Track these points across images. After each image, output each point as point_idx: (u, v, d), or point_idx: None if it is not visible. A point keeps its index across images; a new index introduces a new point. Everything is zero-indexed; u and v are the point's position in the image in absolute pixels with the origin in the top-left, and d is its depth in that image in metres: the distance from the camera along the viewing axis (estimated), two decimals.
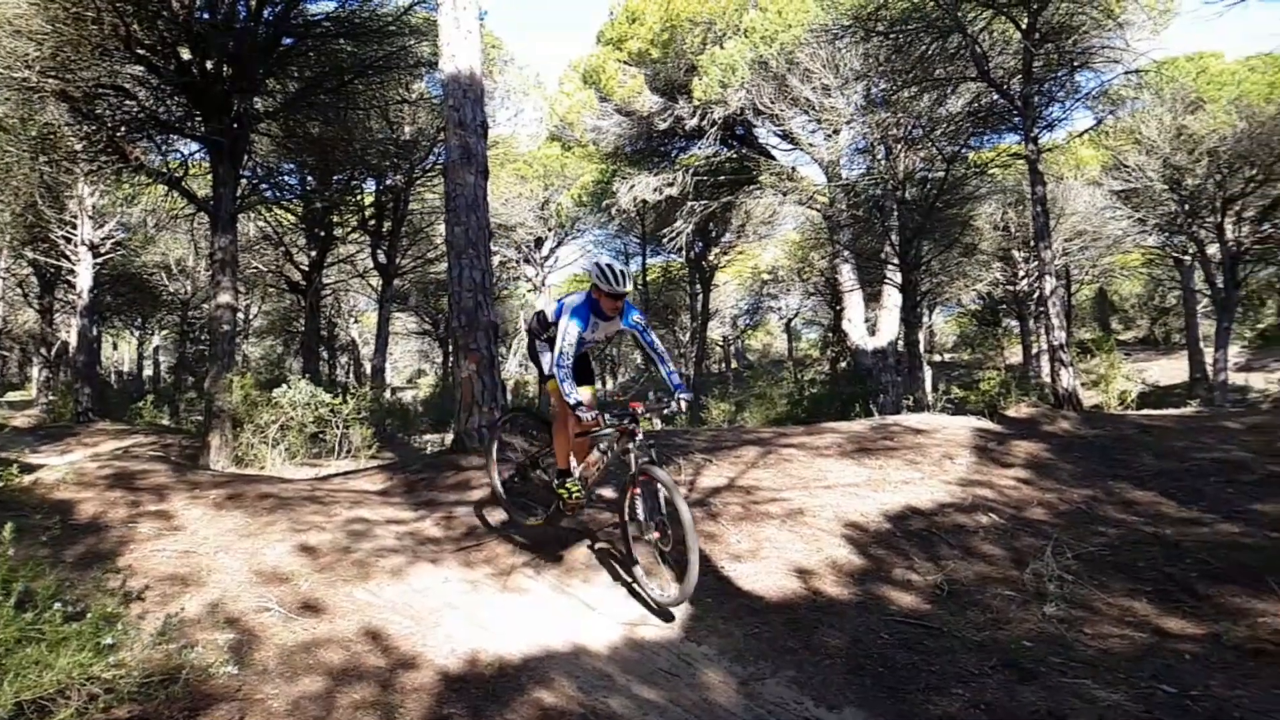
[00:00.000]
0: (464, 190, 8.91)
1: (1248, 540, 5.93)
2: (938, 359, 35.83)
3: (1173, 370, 27.36)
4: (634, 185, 18.60)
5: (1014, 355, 30.01)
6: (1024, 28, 11.40)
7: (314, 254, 19.05)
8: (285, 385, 11.06)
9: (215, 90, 11.52)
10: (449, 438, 9.72)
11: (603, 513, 6.64)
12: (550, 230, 25.38)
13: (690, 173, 18.29)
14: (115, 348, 39.67)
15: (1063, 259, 22.90)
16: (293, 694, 3.50)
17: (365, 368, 26.90)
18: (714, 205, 19.05)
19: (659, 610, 5.01)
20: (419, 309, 27.77)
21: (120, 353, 40.68)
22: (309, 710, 3.40)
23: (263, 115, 12.97)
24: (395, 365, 38.19)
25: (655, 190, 18.45)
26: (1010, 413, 10.24)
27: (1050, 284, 11.36)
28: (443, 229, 10.35)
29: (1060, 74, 12.53)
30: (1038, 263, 11.87)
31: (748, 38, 16.31)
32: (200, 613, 4.20)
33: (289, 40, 12.76)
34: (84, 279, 19.03)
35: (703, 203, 18.50)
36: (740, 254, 29.17)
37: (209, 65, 11.50)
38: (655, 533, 5.04)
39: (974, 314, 32.43)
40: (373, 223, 19.33)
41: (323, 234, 18.85)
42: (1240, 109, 17.73)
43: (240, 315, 23.91)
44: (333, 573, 4.98)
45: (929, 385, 19.03)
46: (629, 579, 5.36)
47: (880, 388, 16.54)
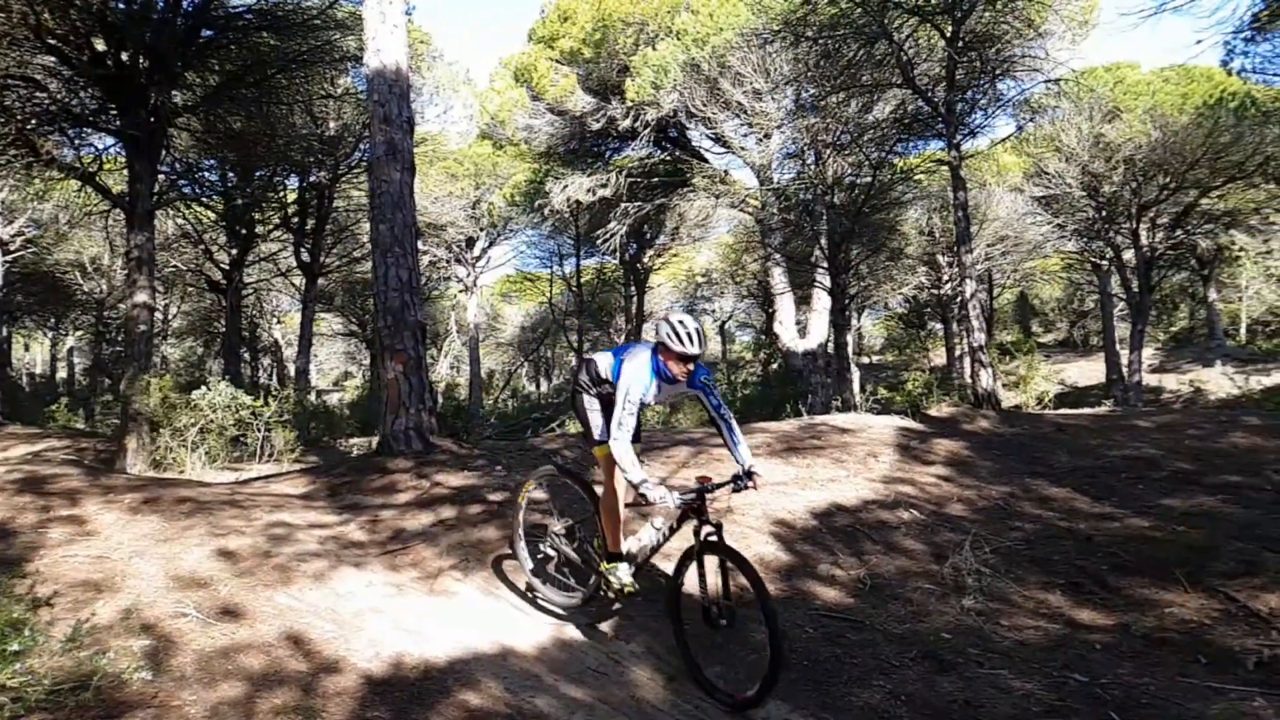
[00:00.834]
0: (389, 187, 8.78)
1: (1156, 534, 6.16)
2: (866, 361, 36.53)
3: (1090, 372, 28.38)
4: (567, 186, 18.50)
5: (938, 357, 30.79)
6: (948, 36, 11.69)
7: (235, 252, 18.50)
8: (205, 387, 10.71)
9: (131, 83, 11.11)
10: (376, 441, 9.54)
11: None
12: (482, 230, 25.03)
13: (624, 174, 18.26)
14: (27, 349, 38.10)
15: (985, 263, 23.53)
16: (211, 700, 3.40)
17: (289, 370, 26.24)
18: (648, 207, 19.05)
19: (732, 703, 4.17)
20: (345, 309, 27.16)
21: (32, 354, 39.07)
22: (228, 716, 3.30)
23: (181, 109, 12.53)
24: (320, 367, 37.34)
25: (589, 191, 18.38)
26: (932, 412, 10.50)
27: (971, 287, 11.66)
28: (368, 227, 10.16)
29: (982, 82, 12.90)
30: (959, 266, 12.17)
31: (680, 40, 16.39)
32: (114, 619, 4.03)
33: (209, 32, 12.40)
34: None
35: (637, 204, 18.48)
36: (675, 256, 29.31)
37: (125, 57, 11.08)
38: (725, 619, 4.35)
39: (900, 317, 33.19)
40: (296, 220, 18.87)
41: (244, 232, 18.32)
42: (1155, 118, 18.34)
43: (158, 315, 23.09)
44: (253, 577, 4.84)
45: (857, 386, 19.38)
46: (685, 663, 4.52)
47: (810, 389, 16.79)
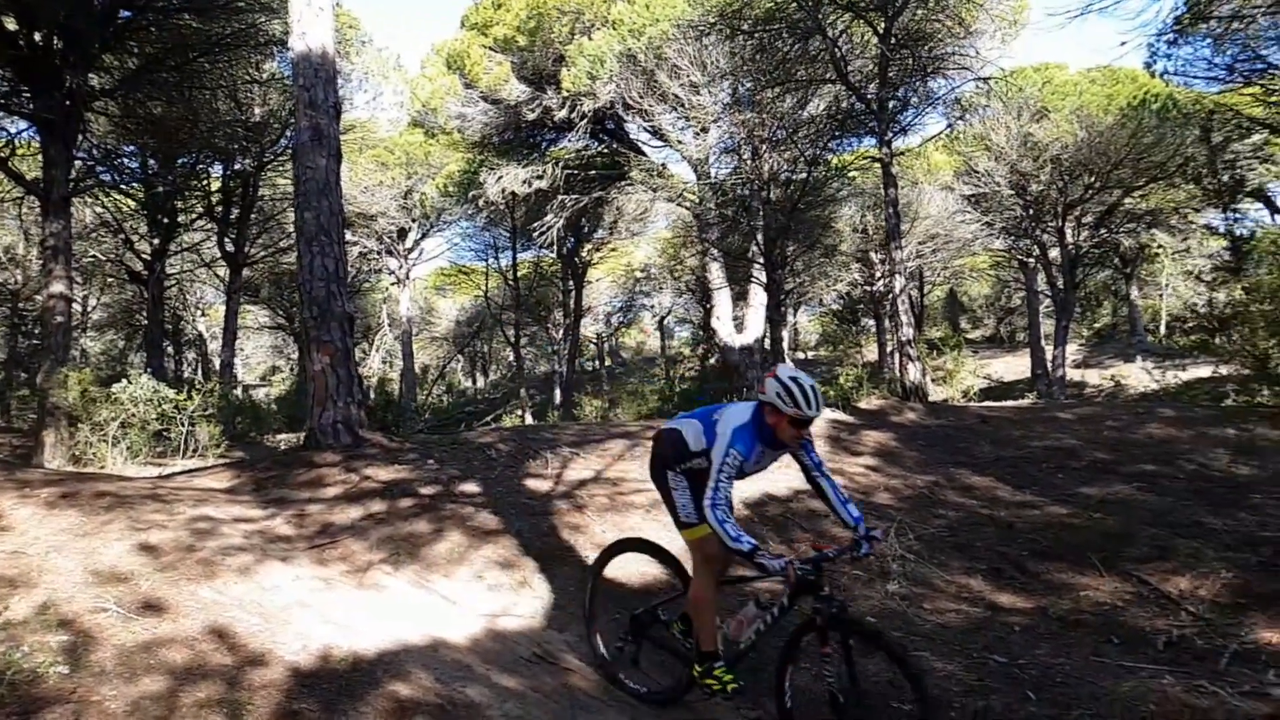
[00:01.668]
0: (315, 174, 8.56)
1: (1074, 521, 6.37)
2: (801, 356, 37.04)
3: (1016, 367, 29.17)
4: (502, 176, 18.25)
5: (871, 353, 31.33)
6: (881, 32, 11.88)
7: (157, 242, 17.87)
8: (125, 381, 10.35)
9: (45, 64, 10.62)
10: (304, 435, 9.32)
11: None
12: (414, 221, 24.50)
13: (560, 166, 18.10)
14: None
15: (916, 261, 23.97)
16: (132, 695, 3.28)
17: (214, 364, 25.45)
18: (585, 200, 18.89)
19: None
20: (271, 302, 26.42)
21: None
22: (150, 711, 3.19)
23: (99, 93, 12.04)
24: (247, 362, 36.32)
25: (524, 182, 18.17)
26: (862, 405, 10.69)
27: (900, 283, 11.88)
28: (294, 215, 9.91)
29: (914, 80, 13.14)
30: (889, 262, 12.39)
31: (616, 30, 16.32)
32: (30, 614, 3.86)
33: (128, 12, 11.89)
34: None
35: (574, 197, 18.30)
36: (613, 251, 29.21)
37: (38, 37, 10.60)
38: (856, 708, 3.67)
39: (835, 313, 33.68)
40: (220, 209, 18.32)
41: (166, 221, 17.71)
42: (1081, 118, 18.70)
43: (76, 307, 22.20)
44: (175, 571, 4.68)
45: None
46: None
47: (747, 384, 16.93)
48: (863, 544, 3.71)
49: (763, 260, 15.88)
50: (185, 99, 14.04)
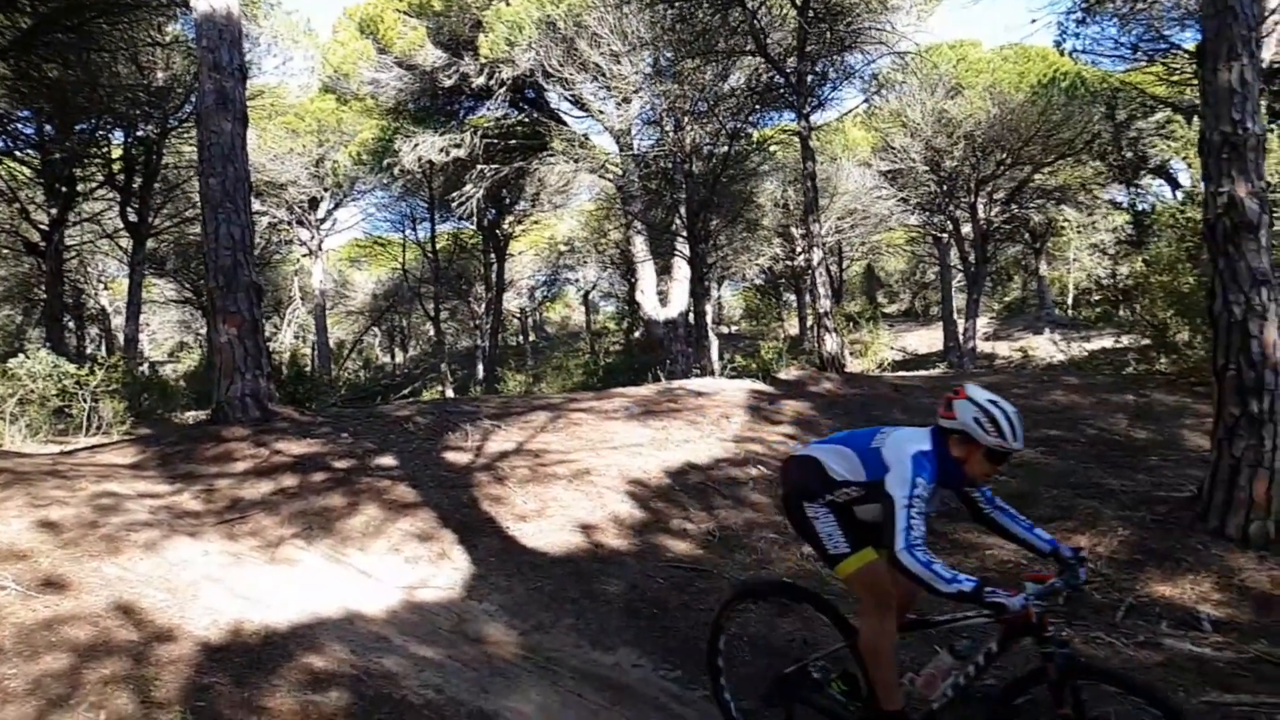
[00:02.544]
0: (220, 139, 8.32)
1: None
2: (725, 331, 37.36)
3: (930, 340, 29.95)
4: (418, 145, 17.78)
5: (793, 327, 31.79)
6: (799, 5, 11.94)
7: (55, 212, 16.96)
8: (23, 355, 9.88)
9: None
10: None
11: None
12: (326, 190, 23.68)
13: (479, 134, 17.72)
14: None
15: (835, 236, 24.29)
16: (33, 673, 3.20)
17: (118, 339, 24.35)
18: (506, 170, 18.57)
19: None
20: (178, 274, 25.31)
21: None
22: (52, 688, 3.12)
23: None
24: (154, 337, 34.83)
25: (442, 151, 17.75)
26: (782, 375, 10.90)
27: (818, 256, 12.06)
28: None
29: (832, 54, 13.26)
30: (808, 235, 12.55)
31: None
32: None
33: None
34: None
35: (493, 167, 17.97)
36: (536, 224, 28.87)
37: None
38: None
39: (757, 288, 34.04)
40: (122, 177, 17.48)
41: (64, 189, 16.83)
42: (994, 96, 19.04)
43: None
44: (78, 548, 4.57)
45: (715, 355, 19.78)
46: None
47: (671, 357, 17.00)
48: (1078, 569, 2.92)
49: (686, 234, 15.91)
50: (83, 61, 13.46)
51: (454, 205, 19.39)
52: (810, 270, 12.40)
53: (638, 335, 24.78)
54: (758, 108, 15.76)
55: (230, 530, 5.49)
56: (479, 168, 17.71)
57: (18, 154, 16.05)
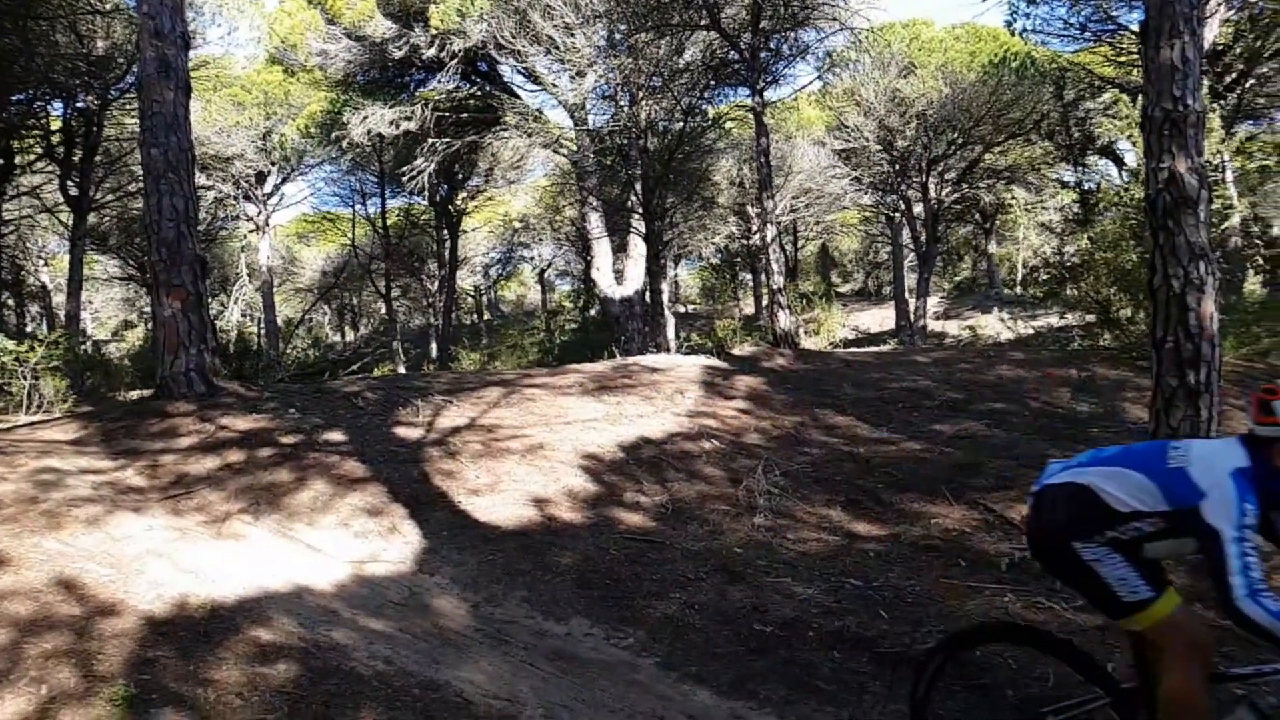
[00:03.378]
0: (162, 108, 8.06)
1: (926, 455, 6.74)
2: (682, 310, 37.42)
3: (883, 319, 30.30)
4: (367, 117, 17.34)
5: (749, 307, 31.94)
6: None
7: None
8: None
9: None
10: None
11: None
12: (274, 164, 23.02)
13: (430, 107, 17.36)
14: None
15: (790, 216, 24.42)
16: None
17: (60, 316, 23.59)
18: (458, 144, 18.19)
19: None
20: (121, 250, 24.53)
21: None
22: None
23: None
24: (97, 316, 33.86)
25: (392, 124, 17.35)
26: (736, 351, 10.97)
27: (771, 233, 12.10)
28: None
29: (786, 29, 13.25)
30: (761, 211, 12.59)
31: None
32: None
33: None
34: None
35: (445, 141, 17.58)
36: (490, 199, 28.49)
37: None
38: None
39: (714, 268, 34.14)
40: (61, 150, 16.90)
41: (1, 162, 16.26)
42: (946, 75, 19.26)
43: None
44: (17, 524, 4.44)
45: (671, 333, 19.80)
46: None
47: (627, 335, 16.98)
48: None
49: (642, 211, 15.84)
50: (20, 29, 12.99)
51: (405, 180, 18.94)
52: (765, 247, 12.43)
53: (594, 313, 24.71)
54: (712, 84, 15.71)
55: (175, 506, 5.38)
56: (430, 141, 17.35)
57: None
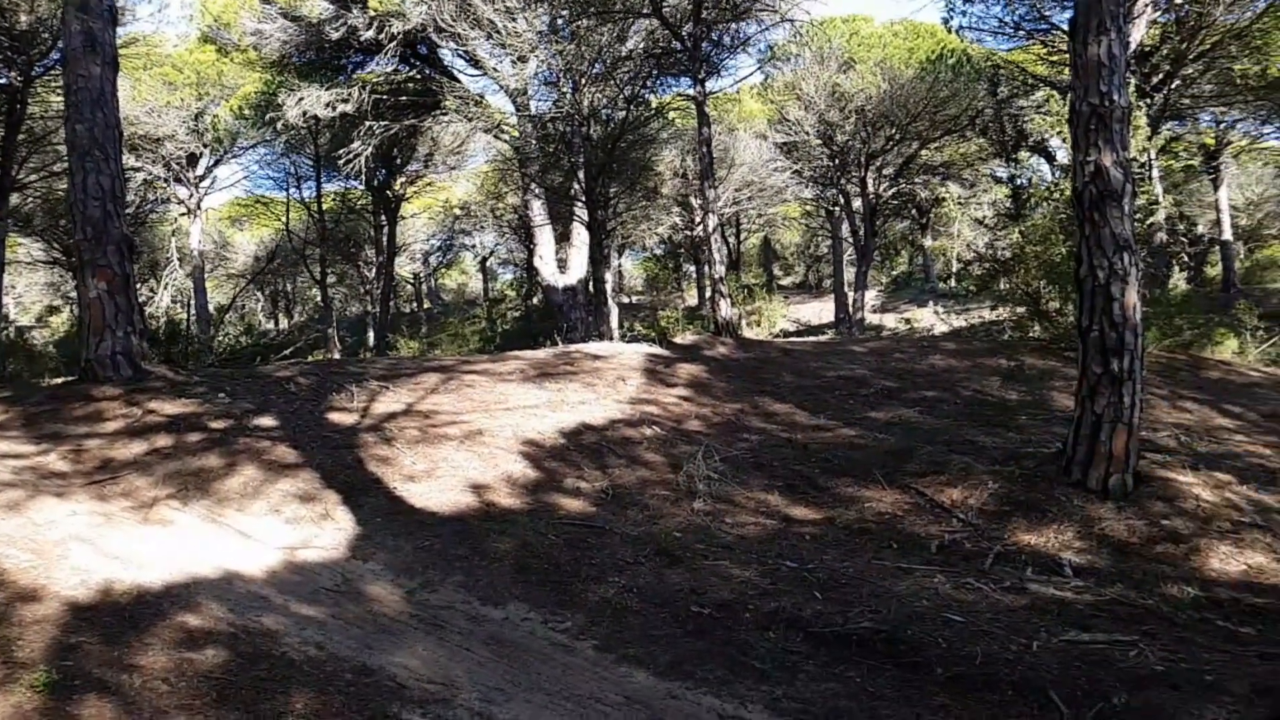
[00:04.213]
0: (88, 83, 7.85)
1: (862, 441, 6.86)
2: (626, 300, 37.42)
3: (823, 311, 30.74)
4: (303, 99, 16.89)
5: (692, 298, 32.13)
6: None
7: None
8: None
9: None
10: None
11: None
12: (206, 146, 22.33)
13: (368, 90, 16.98)
14: None
15: (733, 208, 24.56)
16: None
17: None
18: (396, 128, 17.81)
19: None
20: (46, 233, 23.55)
21: None
22: None
23: None
24: (20, 300, 32.54)
25: (328, 106, 16.91)
26: (678, 340, 11.03)
27: (713, 222, 12.18)
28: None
29: (727, 19, 13.31)
30: (703, 201, 12.64)
31: None
32: None
33: None
34: None
35: (383, 124, 17.20)
36: (429, 185, 28.06)
37: None
38: None
39: (658, 258, 34.21)
40: None
41: None
42: (884, 71, 19.54)
43: None
44: None
45: (615, 323, 19.78)
46: None
47: (570, 324, 16.90)
48: None
49: (585, 199, 15.77)
50: None
51: (341, 163, 18.49)
52: (707, 237, 12.49)
53: (536, 302, 24.54)
54: (655, 73, 15.68)
55: (101, 491, 5.25)
56: (368, 124, 17.00)
57: None
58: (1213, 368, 9.90)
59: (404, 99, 18.05)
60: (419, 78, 17.92)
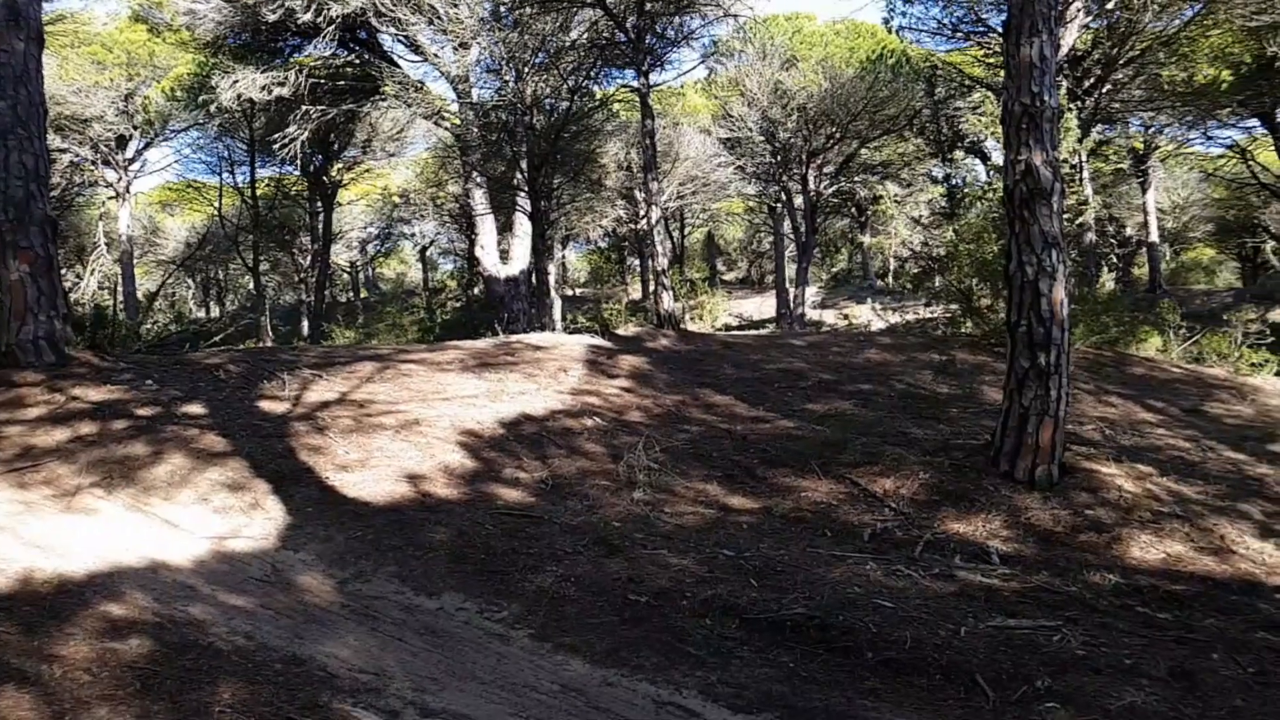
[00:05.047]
0: (11, 58, 7.51)
1: (799, 433, 6.95)
2: (570, 293, 37.29)
3: (764, 307, 31.10)
4: (238, 81, 16.40)
5: (636, 291, 32.16)
6: None
7: None
8: None
9: None
10: None
11: None
12: (136, 128, 21.60)
13: (305, 74, 16.58)
14: None
15: (677, 202, 24.68)
16: None
17: None
18: (334, 112, 17.40)
19: None
20: None
21: None
22: None
23: None
24: None
25: (264, 89, 16.44)
26: (620, 331, 11.05)
27: (656, 214, 12.22)
28: None
29: (670, 12, 13.34)
30: (646, 193, 12.66)
31: None
32: None
33: None
34: None
35: (320, 108, 16.82)
36: (367, 172, 27.59)
37: None
38: None
39: (601, 251, 34.17)
40: None
41: None
42: (826, 70, 19.79)
43: None
44: None
45: (558, 315, 19.68)
46: None
47: (512, 315, 16.76)
48: None
49: (527, 189, 15.63)
50: None
51: (276, 148, 18.02)
52: (650, 229, 12.51)
53: (477, 293, 24.30)
54: (599, 64, 15.62)
55: (21, 479, 5.08)
56: (304, 108, 16.59)
57: None
58: (1137, 364, 10.25)
59: (342, 83, 17.67)
60: (358, 62, 17.54)
